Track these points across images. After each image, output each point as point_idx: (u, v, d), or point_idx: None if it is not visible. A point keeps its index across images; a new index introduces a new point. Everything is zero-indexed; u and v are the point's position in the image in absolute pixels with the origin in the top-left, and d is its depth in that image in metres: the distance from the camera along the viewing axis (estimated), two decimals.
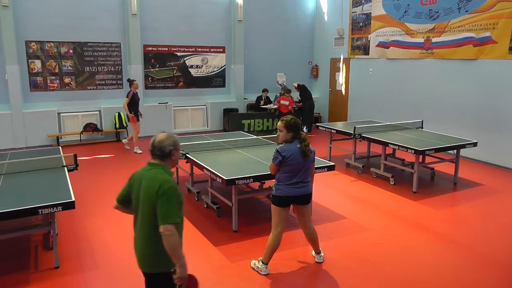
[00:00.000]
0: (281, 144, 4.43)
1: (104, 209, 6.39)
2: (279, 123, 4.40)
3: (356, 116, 12.47)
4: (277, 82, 13.88)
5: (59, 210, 4.26)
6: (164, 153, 2.88)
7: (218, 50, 13.00)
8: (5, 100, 10.34)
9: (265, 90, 12.85)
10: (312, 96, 12.93)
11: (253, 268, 4.59)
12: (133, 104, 9.90)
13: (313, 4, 14.24)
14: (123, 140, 10.53)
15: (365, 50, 12.30)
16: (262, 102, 12.83)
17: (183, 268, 2.75)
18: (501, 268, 4.77)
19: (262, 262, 4.53)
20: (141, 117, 10.38)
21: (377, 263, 4.79)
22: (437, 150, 7.19)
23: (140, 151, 10.05)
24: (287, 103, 11.84)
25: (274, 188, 4.44)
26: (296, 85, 12.55)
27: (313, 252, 4.85)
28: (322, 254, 4.82)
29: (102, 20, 11.21)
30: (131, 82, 10.02)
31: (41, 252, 5.03)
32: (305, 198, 4.46)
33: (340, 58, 13.34)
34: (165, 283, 2.87)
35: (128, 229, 5.71)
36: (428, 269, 4.66)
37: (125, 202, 3.09)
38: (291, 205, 4.52)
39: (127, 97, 9.86)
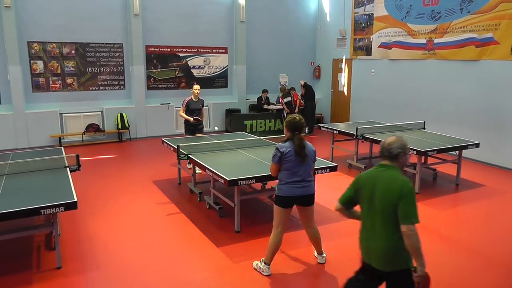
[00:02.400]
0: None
1: (106, 209, 6.40)
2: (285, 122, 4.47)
3: (358, 116, 12.46)
4: (279, 82, 13.87)
5: (61, 211, 4.26)
6: (391, 154, 2.99)
7: (220, 50, 13.00)
8: (7, 100, 10.36)
9: (264, 91, 12.86)
10: (315, 97, 12.95)
11: (255, 269, 4.59)
12: (188, 113, 8.41)
13: (315, 4, 14.24)
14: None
15: (367, 50, 12.29)
16: (263, 103, 12.84)
17: (424, 267, 2.90)
18: (503, 268, 4.75)
19: (264, 263, 4.52)
20: (202, 134, 8.53)
21: None
22: (439, 151, 7.17)
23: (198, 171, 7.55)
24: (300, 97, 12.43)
25: (277, 189, 4.44)
26: (302, 83, 12.62)
27: (315, 253, 4.85)
28: (324, 255, 4.82)
29: (104, 20, 11.23)
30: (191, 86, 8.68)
31: (43, 252, 5.03)
32: (308, 199, 4.45)
33: (342, 59, 13.33)
34: (404, 280, 2.98)
35: (130, 230, 5.74)
36: (430, 270, 4.61)
37: (348, 204, 3.17)
38: (293, 206, 4.52)
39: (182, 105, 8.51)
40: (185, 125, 8.61)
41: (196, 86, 8.52)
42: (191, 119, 8.31)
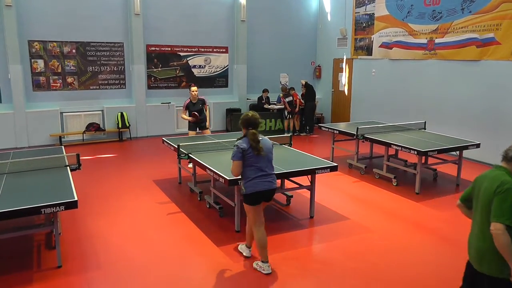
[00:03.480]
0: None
1: (107, 209, 6.40)
2: None
3: (359, 116, 12.45)
4: (280, 82, 13.87)
5: (62, 210, 4.26)
6: (507, 156, 2.96)
7: (221, 50, 13.00)
8: (8, 99, 10.36)
9: (265, 91, 12.86)
10: (316, 97, 12.96)
11: (255, 269, 4.59)
12: (189, 114, 8.46)
13: (316, 4, 14.23)
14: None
15: (368, 50, 12.28)
16: (264, 103, 12.84)
17: None
18: None
19: (262, 262, 4.54)
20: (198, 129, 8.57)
21: (379, 264, 4.78)
22: (440, 151, 7.16)
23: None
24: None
25: (243, 187, 4.48)
26: (303, 83, 12.62)
27: (245, 245, 4.92)
28: (250, 249, 4.90)
29: (105, 19, 11.22)
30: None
31: (43, 251, 5.03)
32: (271, 195, 4.57)
33: (343, 59, 13.33)
34: (493, 286, 2.88)
35: (131, 229, 5.74)
36: (430, 270, 4.65)
37: (467, 202, 3.19)
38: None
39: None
40: (188, 122, 8.67)
41: (194, 88, 8.47)
42: (190, 118, 8.41)
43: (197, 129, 8.61)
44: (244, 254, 4.87)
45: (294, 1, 13.92)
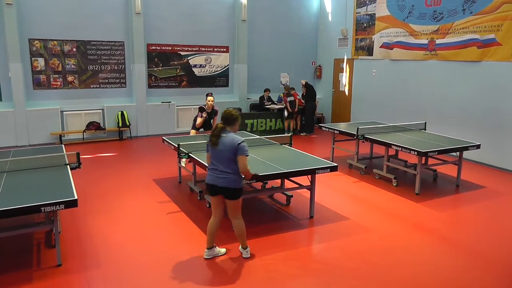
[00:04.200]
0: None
1: (107, 207, 6.40)
2: None
3: (359, 117, 12.45)
4: (281, 82, 13.87)
5: (62, 208, 4.26)
6: None
7: (222, 49, 12.99)
8: (8, 97, 10.36)
9: (267, 90, 12.87)
10: (316, 97, 12.95)
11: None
12: (204, 125, 8.45)
13: (317, 4, 14.22)
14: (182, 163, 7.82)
15: (369, 51, 12.28)
16: (265, 102, 12.84)
17: None
18: (502, 269, 4.75)
19: (207, 248, 4.86)
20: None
21: (379, 264, 4.78)
22: (440, 152, 7.16)
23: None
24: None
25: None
26: (304, 83, 12.61)
27: (240, 247, 4.94)
28: (248, 249, 4.89)
29: (105, 18, 11.22)
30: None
31: (43, 250, 5.03)
32: (225, 192, 4.62)
33: (343, 59, 13.32)
34: None
35: (131, 228, 5.74)
36: (429, 270, 4.65)
37: None
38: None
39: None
40: (193, 122, 8.61)
41: (210, 98, 8.37)
42: (199, 121, 8.33)
43: (201, 129, 8.53)
44: (243, 256, 4.87)
45: (295, 1, 13.92)
